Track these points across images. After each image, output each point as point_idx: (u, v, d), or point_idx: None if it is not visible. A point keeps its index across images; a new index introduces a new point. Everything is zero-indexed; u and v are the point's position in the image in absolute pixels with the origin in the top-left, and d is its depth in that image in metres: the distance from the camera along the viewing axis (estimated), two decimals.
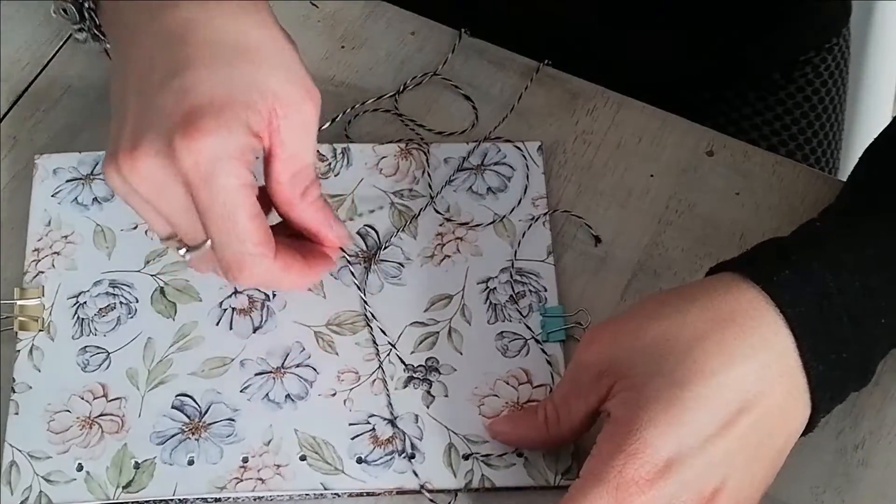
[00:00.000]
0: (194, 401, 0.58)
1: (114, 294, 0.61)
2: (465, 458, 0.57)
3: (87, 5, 0.59)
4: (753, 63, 0.84)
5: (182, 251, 0.54)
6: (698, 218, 0.65)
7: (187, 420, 0.58)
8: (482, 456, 0.57)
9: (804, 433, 0.53)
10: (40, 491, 0.56)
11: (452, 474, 0.57)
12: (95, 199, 0.64)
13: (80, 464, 0.57)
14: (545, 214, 0.64)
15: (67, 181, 0.64)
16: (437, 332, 0.60)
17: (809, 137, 0.84)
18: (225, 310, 0.61)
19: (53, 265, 0.62)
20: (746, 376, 0.50)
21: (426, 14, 0.72)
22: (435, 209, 0.64)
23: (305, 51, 0.70)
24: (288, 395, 0.59)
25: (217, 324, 0.60)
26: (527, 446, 0.57)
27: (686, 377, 0.49)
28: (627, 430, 0.49)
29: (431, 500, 0.56)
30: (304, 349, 0.60)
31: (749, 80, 0.85)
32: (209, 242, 0.53)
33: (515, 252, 0.63)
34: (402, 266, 0.62)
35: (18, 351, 0.60)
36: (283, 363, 0.59)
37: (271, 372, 0.59)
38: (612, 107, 0.69)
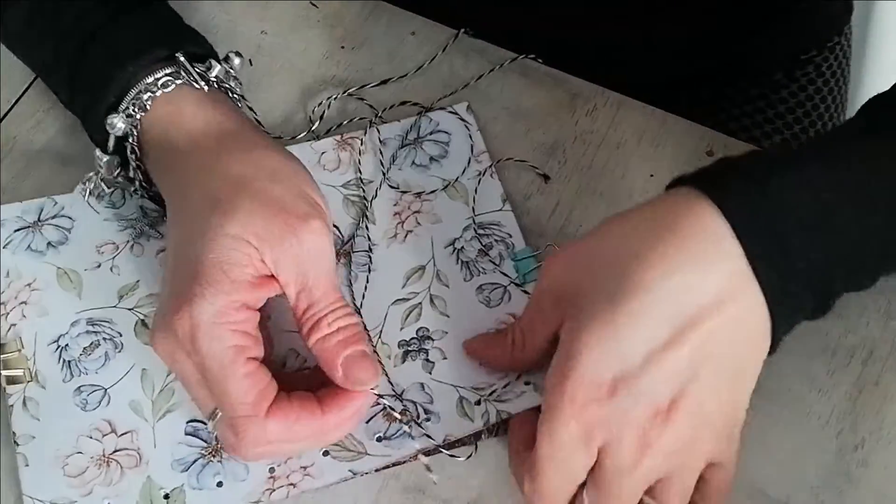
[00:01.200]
0: (206, 426, 0.57)
1: (94, 332, 0.60)
2: (477, 403, 0.58)
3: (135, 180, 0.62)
4: (755, 61, 0.84)
5: (209, 421, 0.55)
6: None
7: (205, 444, 0.58)
8: (491, 395, 0.58)
9: (770, 353, 0.52)
10: None
11: (470, 421, 0.58)
12: (50, 243, 0.63)
13: (108, 503, 0.56)
14: (490, 167, 0.65)
15: (16, 231, 0.63)
16: (420, 304, 0.61)
17: (811, 136, 0.84)
18: None
19: (24, 315, 0.61)
20: (691, 287, 0.49)
21: (426, 14, 0.72)
22: (389, 185, 0.65)
23: (305, 51, 0.71)
24: None
25: None
26: (495, 367, 0.58)
27: (623, 294, 0.49)
28: (569, 357, 0.50)
29: (451, 455, 0.57)
30: (299, 355, 0.60)
31: (751, 78, 0.84)
32: (218, 412, 0.54)
33: (473, 209, 0.64)
34: (370, 252, 0.63)
35: (12, 405, 0.58)
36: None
37: None
38: (612, 107, 0.69)
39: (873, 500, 0.57)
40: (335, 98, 0.68)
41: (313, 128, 0.67)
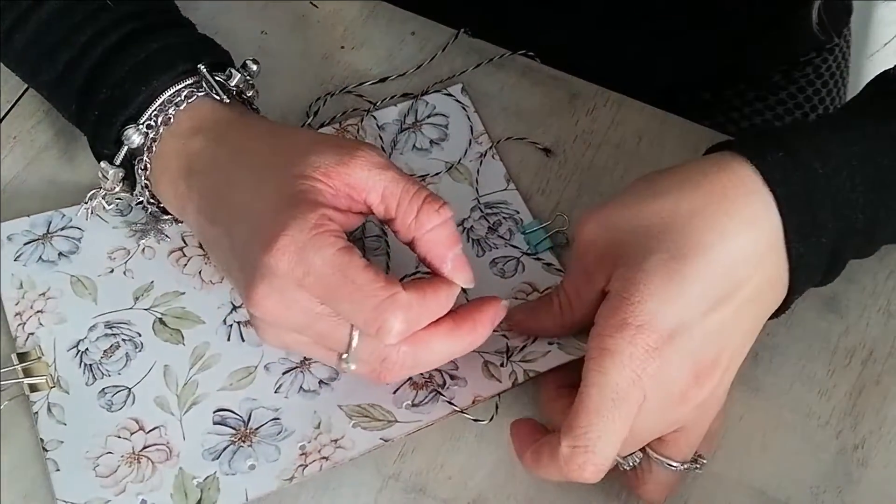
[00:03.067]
0: (234, 413, 0.58)
1: (113, 334, 0.61)
2: (502, 365, 0.58)
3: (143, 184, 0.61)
4: (754, 64, 0.84)
5: (347, 362, 0.53)
6: None
7: (234, 431, 0.58)
8: (519, 359, 0.58)
9: (776, 314, 0.55)
10: None
11: (497, 381, 0.58)
12: (61, 254, 0.63)
13: (142, 499, 0.56)
14: (491, 147, 0.66)
15: (26, 244, 0.63)
16: None
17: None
18: (231, 325, 0.61)
19: (41, 323, 0.61)
20: (740, 251, 0.52)
21: (426, 14, 0.72)
22: None
23: (305, 51, 0.71)
24: (321, 381, 0.59)
25: (228, 339, 0.60)
26: (543, 334, 0.59)
27: (683, 252, 0.51)
28: (630, 304, 0.51)
29: (475, 420, 0.58)
30: None
31: (749, 80, 0.85)
32: (356, 336, 0.52)
33: (477, 189, 0.65)
34: (381, 237, 0.63)
35: (36, 413, 0.58)
36: (305, 356, 0.60)
37: (297, 366, 0.60)
38: (612, 107, 0.69)
39: (873, 500, 0.57)
40: (332, 95, 0.68)
41: (309, 121, 0.67)
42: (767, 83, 0.84)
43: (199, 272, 0.62)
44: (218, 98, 0.59)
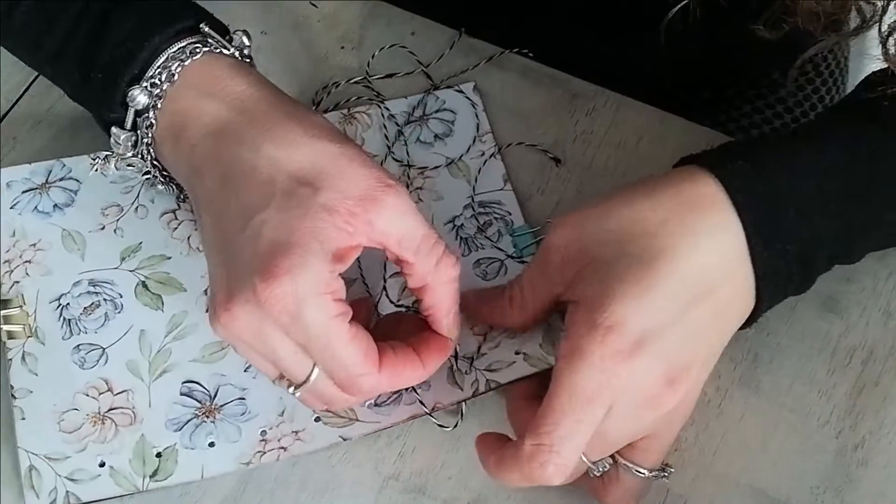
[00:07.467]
0: (202, 386, 0.59)
1: (95, 292, 0.61)
2: (468, 372, 0.59)
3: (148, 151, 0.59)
4: (754, 62, 0.84)
5: (291, 389, 0.54)
6: None
7: (199, 405, 0.59)
8: (484, 368, 0.59)
9: (744, 326, 0.55)
10: (67, 491, 0.56)
11: (459, 389, 0.58)
12: (56, 205, 0.64)
13: (101, 460, 0.57)
14: (494, 147, 0.66)
15: (23, 192, 0.64)
16: None
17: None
18: None
19: (27, 273, 0.62)
20: (708, 258, 0.52)
21: (426, 14, 0.72)
22: (393, 158, 0.66)
23: (305, 51, 0.71)
24: None
25: (206, 310, 0.61)
26: (486, 321, 0.59)
27: (653, 257, 0.51)
28: (600, 306, 0.51)
29: (440, 425, 0.58)
30: None
31: (750, 79, 0.84)
32: (313, 376, 0.53)
33: (474, 188, 0.65)
34: None
35: (10, 359, 0.59)
36: None
37: None
38: (612, 107, 0.69)
39: (873, 500, 0.57)
40: (337, 86, 0.69)
41: (314, 109, 0.67)
42: (767, 82, 0.84)
43: (188, 238, 0.63)
44: (227, 53, 0.57)
